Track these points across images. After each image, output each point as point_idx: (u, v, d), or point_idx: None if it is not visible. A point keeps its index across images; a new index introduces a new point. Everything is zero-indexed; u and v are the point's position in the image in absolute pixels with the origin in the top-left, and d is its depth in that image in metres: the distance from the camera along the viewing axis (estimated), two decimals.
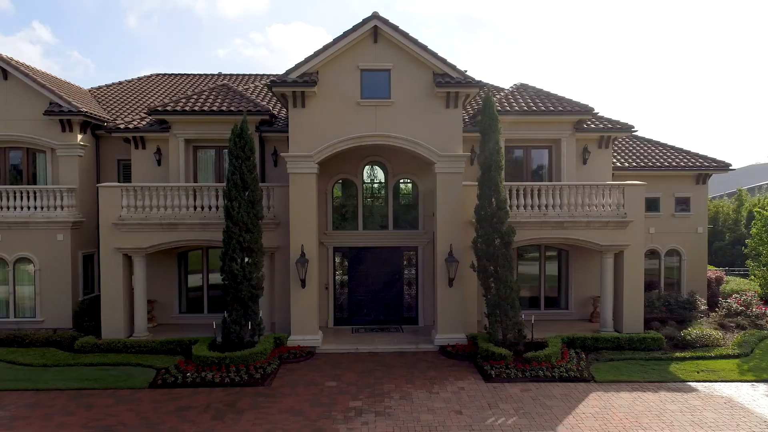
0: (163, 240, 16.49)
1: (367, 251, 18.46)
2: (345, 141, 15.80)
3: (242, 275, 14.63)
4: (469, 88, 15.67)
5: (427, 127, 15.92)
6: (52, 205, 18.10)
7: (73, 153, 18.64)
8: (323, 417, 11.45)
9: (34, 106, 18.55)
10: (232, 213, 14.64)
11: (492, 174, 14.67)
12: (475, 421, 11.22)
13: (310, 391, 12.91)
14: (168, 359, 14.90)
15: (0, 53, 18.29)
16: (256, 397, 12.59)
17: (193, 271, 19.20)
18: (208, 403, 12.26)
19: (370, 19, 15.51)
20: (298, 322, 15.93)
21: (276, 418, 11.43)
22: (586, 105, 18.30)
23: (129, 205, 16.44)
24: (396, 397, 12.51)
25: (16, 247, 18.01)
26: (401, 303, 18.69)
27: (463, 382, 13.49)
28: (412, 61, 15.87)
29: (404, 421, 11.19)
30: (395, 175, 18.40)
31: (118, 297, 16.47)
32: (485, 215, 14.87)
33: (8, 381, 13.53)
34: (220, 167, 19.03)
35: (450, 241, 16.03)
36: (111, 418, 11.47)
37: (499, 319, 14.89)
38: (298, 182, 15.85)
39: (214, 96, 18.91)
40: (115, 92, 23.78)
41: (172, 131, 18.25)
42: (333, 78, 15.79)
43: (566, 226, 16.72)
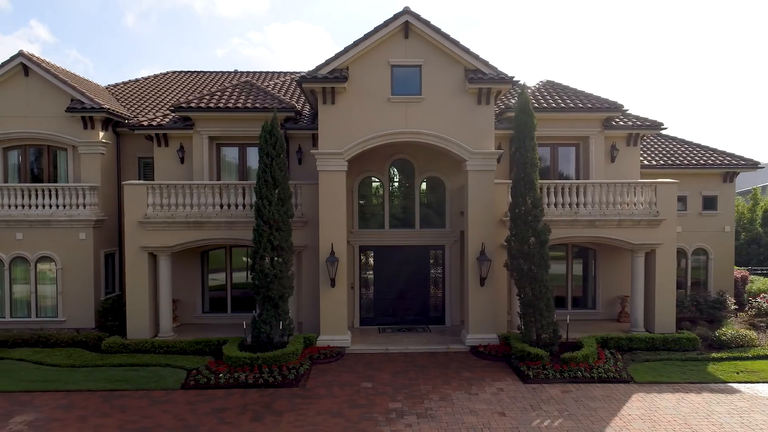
0: (189, 238, 16.25)
1: (393, 250, 18.21)
2: (376, 138, 15.55)
3: (273, 274, 14.39)
4: (501, 84, 15.43)
5: (458, 124, 15.68)
6: (75, 204, 17.86)
7: (95, 150, 18.39)
8: (364, 419, 11.21)
9: (55, 103, 18.31)
10: (263, 211, 14.40)
11: (527, 171, 14.43)
12: (520, 423, 10.98)
13: (345, 392, 12.67)
14: (197, 360, 14.66)
15: (22, 50, 18.03)
16: (293, 398, 12.35)
17: (214, 269, 18.97)
18: (244, 404, 12.02)
19: (401, 14, 15.27)
20: (327, 322, 15.68)
21: (316, 419, 11.19)
22: (615, 102, 18.07)
23: (154, 204, 16.20)
24: (435, 398, 12.28)
25: (37, 245, 17.76)
26: (428, 303, 18.45)
27: (501, 383, 13.25)
28: (443, 56, 15.62)
29: (448, 423, 10.95)
30: (422, 173, 18.15)
31: (143, 296, 16.23)
32: (520, 213, 14.63)
33: (38, 382, 13.29)
34: (244, 165, 18.79)
35: (481, 240, 15.79)
36: (147, 419, 11.23)
37: (533, 319, 14.66)
38: (327, 180, 15.60)
39: (238, 93, 18.67)
40: (132, 90, 23.54)
41: (195, 128, 18.01)
42: (363, 74, 15.54)
43: (597, 225, 16.48)
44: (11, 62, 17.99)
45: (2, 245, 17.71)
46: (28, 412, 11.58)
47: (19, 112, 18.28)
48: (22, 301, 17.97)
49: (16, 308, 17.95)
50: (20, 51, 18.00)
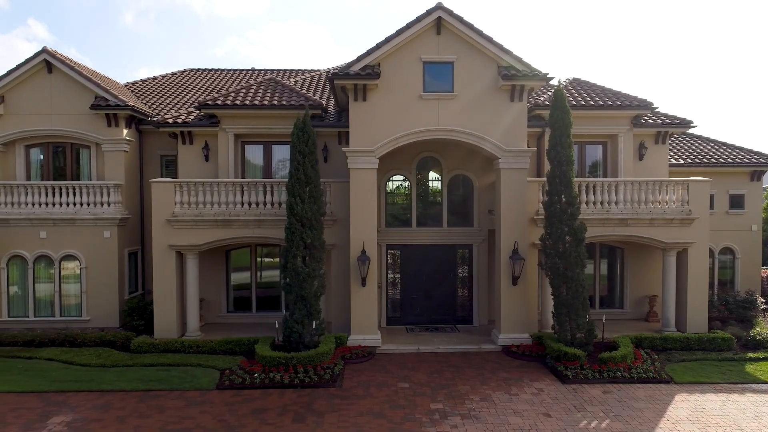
0: (217, 237, 16.06)
1: (421, 249, 18.03)
2: (408, 135, 15.37)
3: (306, 273, 14.21)
4: (535, 81, 15.24)
5: (490, 121, 15.50)
6: (99, 202, 17.68)
7: (119, 148, 18.21)
8: (407, 420, 11.04)
9: (78, 101, 18.12)
10: (295, 209, 14.21)
11: (563, 169, 14.25)
12: (567, 424, 10.81)
13: (383, 393, 12.49)
14: (228, 359, 14.48)
15: (46, 47, 17.85)
16: (331, 398, 12.17)
17: (237, 269, 18.79)
18: (283, 404, 11.85)
19: (434, 10, 15.08)
20: (358, 321, 15.50)
21: (359, 420, 11.01)
22: (644, 99, 17.89)
23: (182, 202, 16.02)
24: (476, 399, 12.10)
25: (61, 244, 17.58)
26: (455, 302, 18.27)
27: (540, 383, 13.07)
28: (476, 53, 15.43)
29: (494, 425, 10.78)
30: (449, 171, 17.96)
31: (171, 296, 16.05)
32: (555, 211, 14.45)
33: (71, 382, 13.11)
34: (269, 163, 18.61)
35: (513, 239, 15.61)
36: (187, 420, 11.06)
37: (567, 318, 14.48)
38: (358, 178, 15.42)
39: (263, 90, 18.48)
40: (150, 87, 23.34)
41: (221, 126, 17.83)
42: (395, 70, 15.36)
43: (629, 223, 16.30)
44: (35, 59, 17.81)
45: (26, 244, 17.53)
46: (65, 413, 11.40)
47: (42, 110, 18.10)
48: (45, 300, 17.79)
49: (39, 307, 17.77)
50: (44, 48, 17.82)
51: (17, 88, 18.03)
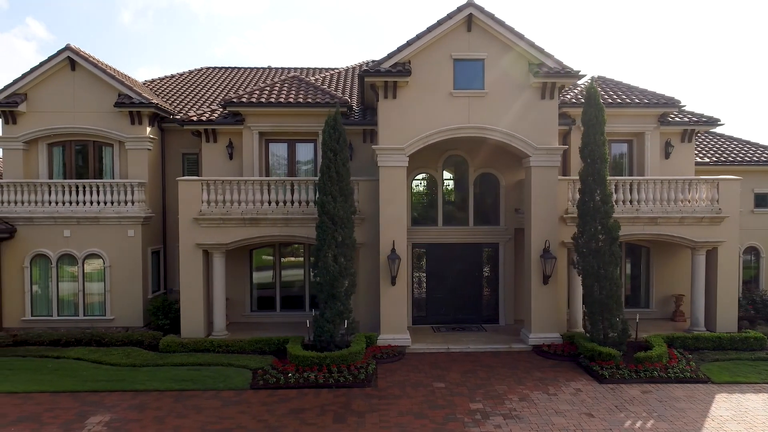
0: (245, 236, 15.94)
1: (446, 248, 17.90)
2: (439, 133, 15.26)
3: (338, 271, 14.08)
4: (567, 78, 15.12)
5: (521, 119, 15.37)
6: (123, 200, 17.56)
7: (143, 146, 18.08)
8: (449, 420, 10.92)
9: (102, 98, 17.99)
10: (327, 207, 14.09)
11: (598, 167, 14.12)
12: (612, 424, 10.68)
13: (420, 393, 12.37)
14: (259, 359, 14.35)
15: (69, 44, 17.72)
16: (368, 398, 12.05)
17: (260, 268, 18.68)
18: (320, 404, 11.72)
19: (465, 7, 14.96)
20: (387, 320, 15.39)
21: (400, 420, 10.89)
22: (672, 97, 17.78)
23: (209, 200, 15.89)
24: (515, 399, 11.98)
25: (85, 243, 17.47)
26: (481, 301, 18.15)
27: (576, 383, 12.95)
28: (507, 50, 15.31)
29: (538, 425, 10.66)
30: (476, 169, 17.84)
31: (198, 295, 15.92)
32: (588, 210, 14.33)
33: (103, 381, 12.98)
34: (293, 161, 18.49)
35: (544, 237, 15.49)
36: (226, 420, 10.93)
37: (600, 317, 14.36)
38: (388, 176, 15.31)
39: (288, 88, 18.37)
40: (169, 85, 23.22)
41: (246, 124, 17.71)
42: (425, 68, 15.23)
43: (659, 222, 16.18)
44: (58, 56, 17.68)
45: (49, 242, 17.42)
46: (102, 413, 11.28)
47: (65, 107, 17.97)
48: (69, 299, 17.68)
49: (62, 307, 17.66)
50: (67, 45, 17.69)
51: (40, 85, 17.91)
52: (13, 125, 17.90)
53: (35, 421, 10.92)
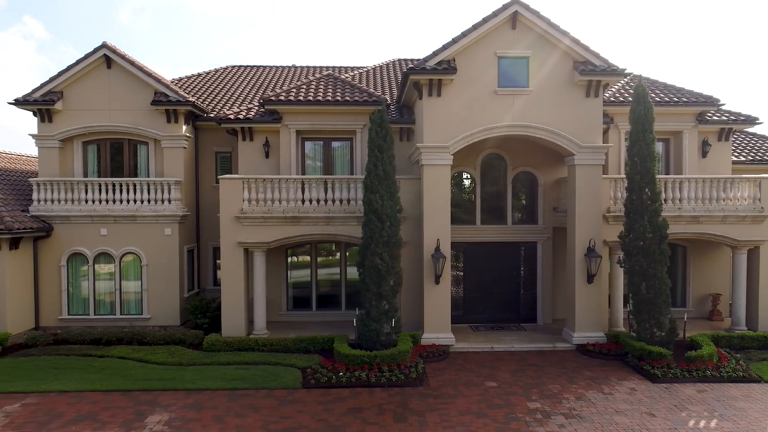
0: (286, 234, 15.86)
1: (484, 247, 17.82)
2: (484, 131, 15.18)
3: (385, 270, 14.01)
4: (612, 76, 15.05)
5: (565, 117, 15.30)
6: (160, 199, 17.51)
7: (179, 144, 18.01)
8: (511, 419, 10.84)
9: (137, 96, 17.93)
10: (375, 206, 14.01)
11: (647, 165, 14.04)
12: (675, 424, 10.61)
13: (474, 392, 12.29)
14: (305, 358, 14.28)
15: (105, 42, 17.65)
16: (424, 398, 11.98)
17: (295, 267, 18.60)
18: (377, 404, 11.65)
19: (510, 5, 14.88)
20: (431, 319, 15.32)
21: (462, 420, 10.82)
22: (710, 96, 17.72)
23: (250, 198, 15.82)
24: (571, 398, 11.91)
25: (122, 241, 17.41)
26: (518, 300, 18.07)
27: (628, 382, 12.88)
28: (551, 47, 15.23)
29: (601, 424, 10.59)
30: (514, 167, 17.76)
31: (239, 293, 15.86)
32: (636, 208, 14.25)
33: (153, 380, 12.91)
34: (329, 159, 18.43)
35: (588, 236, 15.43)
36: (287, 420, 10.86)
37: (647, 316, 14.28)
38: (432, 174, 15.24)
39: (324, 86, 18.31)
40: (196, 84, 23.17)
41: (283, 122, 17.64)
42: (469, 66, 15.15)
43: (701, 221, 16.11)
44: (94, 54, 17.62)
45: (86, 241, 17.37)
46: (159, 412, 11.21)
47: (101, 105, 17.90)
48: (105, 298, 17.61)
49: (99, 305, 17.59)
50: (104, 42, 17.63)
51: (76, 83, 17.84)
52: (49, 123, 17.82)
53: (94, 419, 10.85)
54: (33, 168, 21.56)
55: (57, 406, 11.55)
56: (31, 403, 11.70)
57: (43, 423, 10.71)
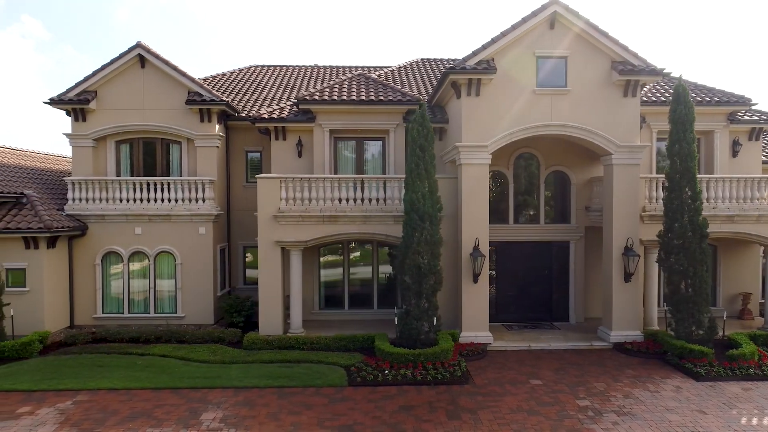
0: (323, 233, 15.93)
1: (516, 246, 17.88)
2: (522, 131, 15.26)
3: (427, 269, 14.08)
4: (650, 76, 15.12)
5: (603, 117, 15.37)
6: (194, 198, 17.57)
7: (212, 144, 18.07)
8: (564, 417, 10.91)
9: (171, 96, 17.99)
10: (417, 205, 14.07)
11: (688, 164, 14.13)
12: (728, 421, 10.68)
13: (520, 390, 12.36)
14: (347, 356, 14.34)
15: (140, 41, 17.71)
16: (472, 395, 12.04)
17: (327, 265, 18.68)
18: (427, 401, 11.71)
19: (549, 5, 14.95)
20: (469, 318, 15.41)
21: (515, 417, 10.89)
22: (742, 96, 17.81)
23: (288, 198, 15.88)
24: (619, 396, 11.98)
25: (157, 240, 17.48)
26: (550, 299, 18.13)
27: (672, 380, 12.94)
28: (590, 47, 15.31)
29: (654, 422, 10.65)
30: (547, 167, 17.83)
31: (276, 292, 15.93)
32: (676, 207, 14.33)
33: (199, 378, 12.98)
34: (360, 158, 18.50)
35: (626, 235, 15.50)
36: (341, 417, 10.92)
37: (686, 315, 14.36)
38: (470, 173, 15.32)
39: (357, 85, 18.38)
40: (222, 84, 23.20)
41: (317, 121, 17.71)
42: (508, 65, 15.23)
43: (736, 220, 16.18)
44: (129, 54, 17.68)
45: (121, 240, 17.44)
46: (212, 409, 11.28)
47: (135, 105, 17.96)
48: (139, 296, 17.69)
49: (133, 304, 17.67)
50: (138, 42, 17.69)
51: (110, 83, 17.90)
52: (83, 122, 17.89)
53: (149, 417, 10.91)
54: (62, 167, 21.64)
55: (109, 403, 11.62)
56: (83, 401, 11.77)
57: (99, 420, 10.78)
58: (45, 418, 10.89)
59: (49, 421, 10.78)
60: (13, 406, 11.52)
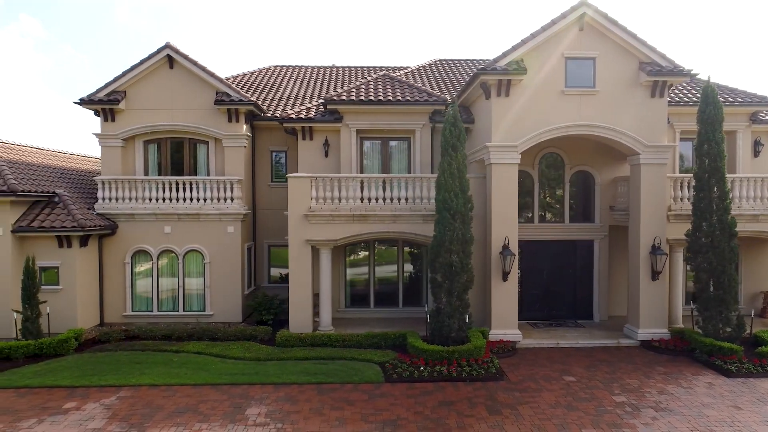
0: (353, 232, 16.12)
1: (541, 244, 18.06)
2: (551, 131, 15.46)
3: (459, 267, 14.27)
4: (678, 77, 15.31)
5: (631, 117, 15.57)
6: (222, 197, 17.76)
7: (240, 143, 18.26)
8: (603, 412, 11.10)
9: (199, 96, 18.18)
10: (449, 204, 14.26)
11: (717, 164, 14.32)
12: (765, 416, 10.87)
13: (555, 386, 12.56)
14: (379, 353, 14.54)
15: (169, 42, 17.90)
16: (509, 392, 12.24)
17: (353, 264, 18.87)
18: (465, 397, 11.90)
19: (579, 7, 15.14)
20: (498, 316, 15.60)
21: (555, 412, 11.08)
22: (764, 96, 18.02)
23: (318, 197, 16.07)
24: (653, 392, 12.17)
25: (186, 239, 17.68)
26: (575, 298, 18.32)
27: (703, 377, 13.14)
28: (618, 48, 15.50)
29: (693, 417, 10.84)
30: (572, 166, 18.01)
31: (306, 290, 16.12)
32: (705, 206, 14.52)
33: (237, 375, 13.17)
34: (386, 158, 18.68)
35: (653, 234, 15.68)
36: (384, 412, 11.11)
37: (714, 313, 14.56)
38: (500, 173, 15.51)
39: (383, 86, 18.58)
40: (242, 84, 23.41)
41: (344, 121, 17.91)
42: (537, 66, 15.42)
43: (761, 219, 16.36)
44: (158, 54, 17.87)
45: (150, 238, 17.63)
46: (255, 405, 11.47)
47: (163, 105, 18.16)
48: (168, 294, 17.88)
49: (162, 302, 17.86)
50: (167, 43, 17.88)
51: (139, 83, 18.09)
52: (112, 122, 18.08)
53: (196, 412, 11.11)
54: (86, 167, 21.83)
55: (153, 399, 11.81)
56: (126, 396, 11.97)
57: (146, 415, 10.97)
58: (92, 413, 11.09)
59: (97, 416, 10.98)
60: (59, 401, 11.73)
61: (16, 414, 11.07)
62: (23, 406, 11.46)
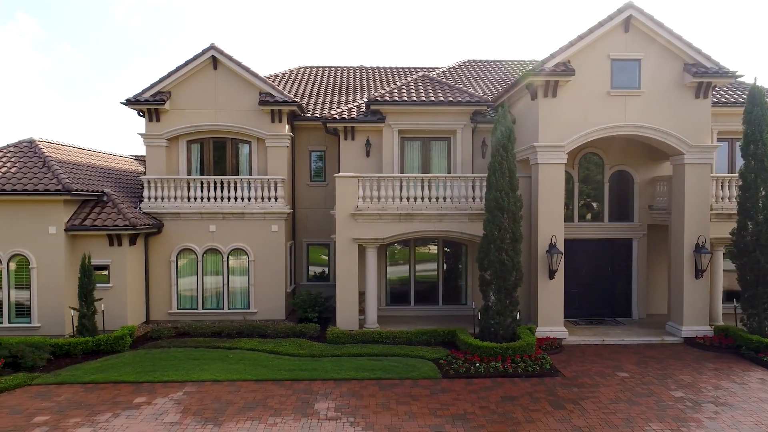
0: (400, 231, 16.34)
1: (581, 243, 18.28)
2: (597, 131, 15.70)
3: (510, 265, 14.50)
4: (723, 78, 15.54)
5: (675, 118, 15.80)
6: (266, 196, 17.99)
7: (283, 143, 18.50)
8: (664, 407, 11.33)
9: (242, 96, 18.41)
10: (501, 203, 14.48)
11: (764, 164, 14.55)
12: None
13: (611, 382, 12.79)
14: (430, 350, 14.77)
15: (213, 43, 18.14)
16: (567, 387, 12.47)
17: (393, 263, 19.11)
18: (526, 393, 12.14)
19: (625, 9, 15.38)
20: (545, 313, 15.83)
21: (618, 407, 11.31)
22: None
23: (364, 196, 16.30)
24: (709, 387, 12.40)
25: (230, 238, 17.92)
26: (613, 296, 18.55)
27: (754, 373, 13.37)
28: (662, 50, 15.73)
29: (754, 411, 11.08)
30: (611, 166, 18.25)
31: (353, 288, 16.35)
32: (751, 206, 14.75)
33: (296, 371, 13.40)
34: (426, 158, 18.92)
35: (696, 233, 15.91)
36: (450, 407, 11.35)
37: (758, 311, 14.81)
38: (546, 173, 15.74)
39: (423, 86, 18.81)
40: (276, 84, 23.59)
41: (387, 122, 18.15)
42: (583, 67, 15.64)
43: None
44: (203, 55, 18.11)
45: (195, 237, 17.88)
46: (322, 400, 11.70)
47: (207, 105, 18.40)
48: (212, 292, 18.12)
49: (206, 300, 18.10)
50: (212, 44, 18.11)
51: (183, 84, 18.33)
52: (156, 122, 18.31)
53: (266, 407, 11.34)
54: (127, 166, 22.07)
55: (220, 394, 12.05)
56: (192, 392, 12.20)
57: (218, 410, 11.20)
58: (164, 408, 11.32)
59: (170, 410, 11.21)
60: (127, 396, 11.97)
61: (89, 408, 11.31)
62: (94, 401, 11.70)
